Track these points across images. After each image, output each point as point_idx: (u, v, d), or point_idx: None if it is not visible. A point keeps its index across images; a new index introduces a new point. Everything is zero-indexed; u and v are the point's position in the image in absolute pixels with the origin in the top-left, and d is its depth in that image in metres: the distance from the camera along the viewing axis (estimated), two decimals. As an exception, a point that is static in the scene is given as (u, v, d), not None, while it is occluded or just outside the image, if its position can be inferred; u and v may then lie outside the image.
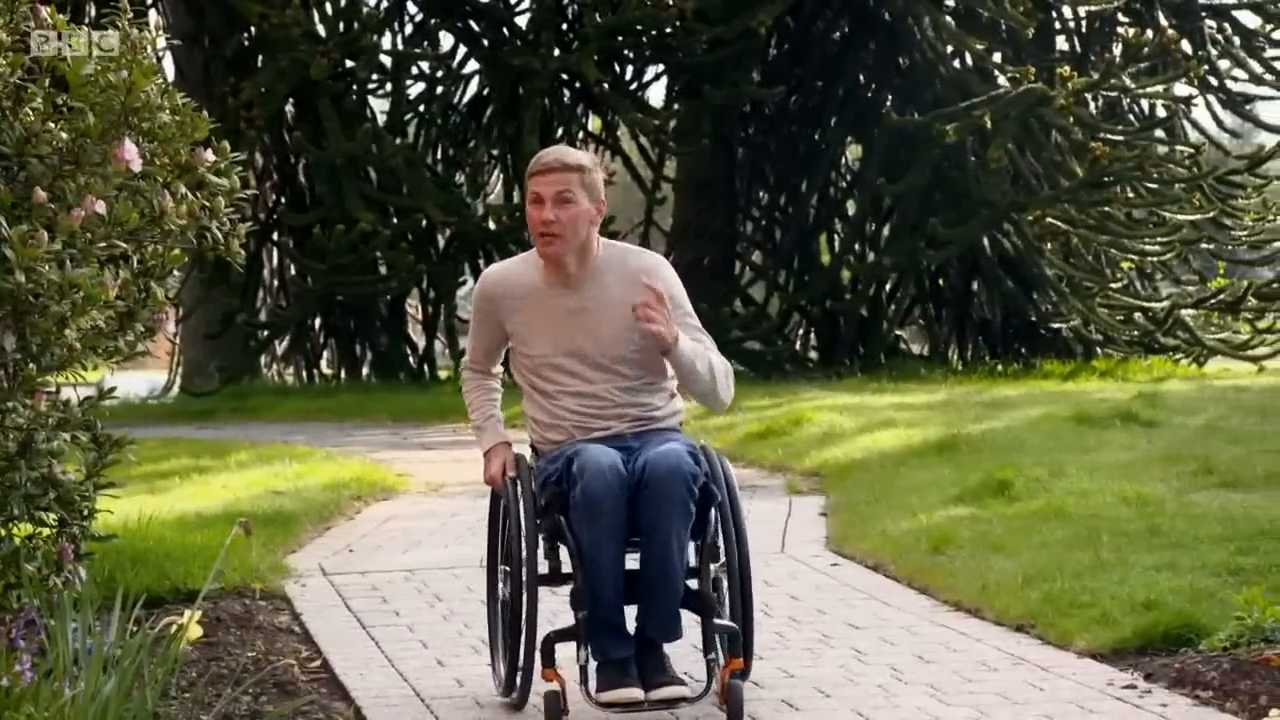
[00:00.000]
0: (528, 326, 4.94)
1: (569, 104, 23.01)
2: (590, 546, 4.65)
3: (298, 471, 10.65)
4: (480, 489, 10.41)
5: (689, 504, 4.66)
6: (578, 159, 4.90)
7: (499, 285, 5.01)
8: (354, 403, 18.49)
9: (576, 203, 4.80)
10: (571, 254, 4.86)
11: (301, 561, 7.69)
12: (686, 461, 4.67)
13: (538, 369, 4.95)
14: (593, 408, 4.89)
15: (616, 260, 4.94)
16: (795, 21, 23.31)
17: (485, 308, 5.03)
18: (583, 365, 4.89)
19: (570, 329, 4.88)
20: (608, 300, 4.88)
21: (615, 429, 4.88)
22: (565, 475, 4.73)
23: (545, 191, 4.81)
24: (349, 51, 20.51)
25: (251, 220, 5.74)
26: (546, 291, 4.92)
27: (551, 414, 4.94)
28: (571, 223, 4.80)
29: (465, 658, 5.69)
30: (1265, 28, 23.24)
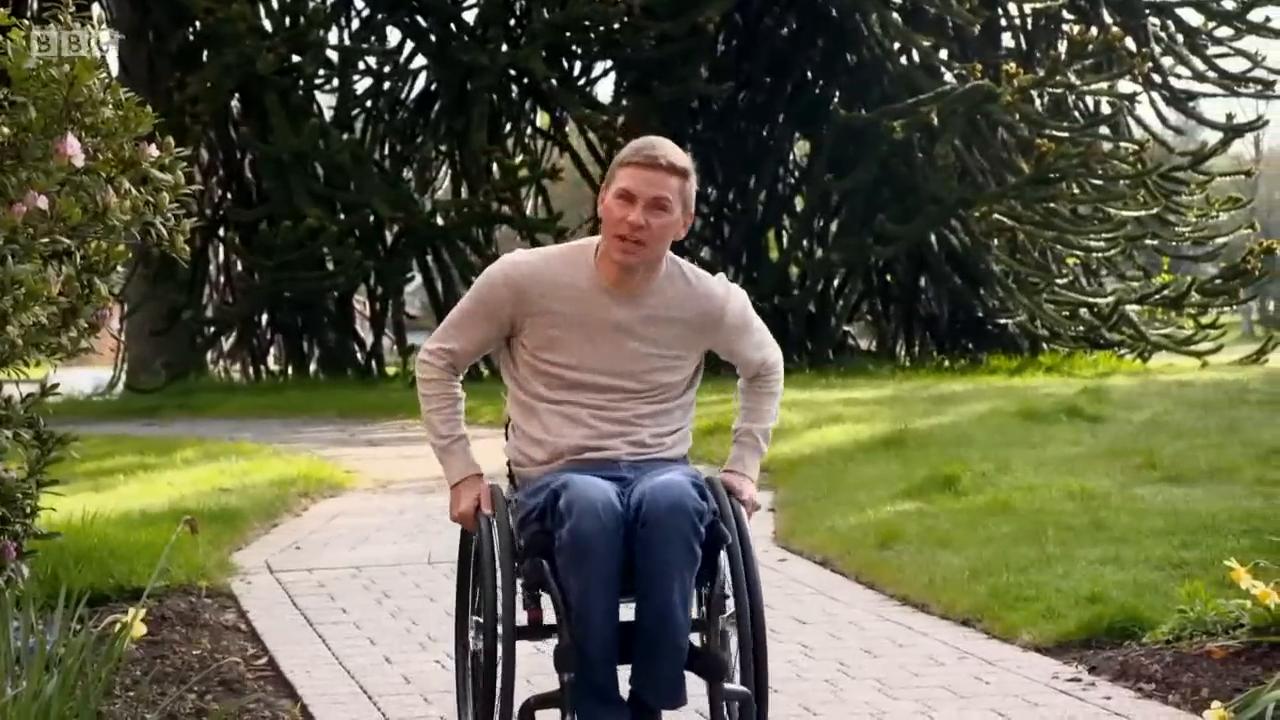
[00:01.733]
0: (558, 331, 4.15)
1: (517, 100, 22.99)
2: (579, 596, 3.91)
3: (244, 468, 10.60)
4: (427, 485, 10.48)
5: (694, 546, 3.93)
6: (685, 163, 4.14)
7: (531, 278, 4.16)
8: (301, 399, 18.41)
9: (671, 211, 4.09)
10: (644, 266, 4.14)
11: (248, 559, 7.65)
12: (691, 496, 3.93)
13: (553, 379, 4.18)
14: (604, 431, 4.16)
15: (679, 277, 4.22)
16: (743, 18, 23.35)
17: (500, 297, 4.19)
18: (613, 386, 4.17)
19: (612, 345, 4.15)
20: (661, 322, 4.18)
21: (614, 454, 4.14)
22: (550, 512, 3.97)
23: (642, 191, 4.05)
24: (295, 46, 20.41)
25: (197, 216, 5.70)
26: (594, 298, 4.14)
27: (549, 429, 4.17)
28: (661, 233, 4.08)
29: (412, 654, 5.67)
30: (1208, 25, 23.42)
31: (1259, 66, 23.67)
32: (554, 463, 4.13)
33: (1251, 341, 32.34)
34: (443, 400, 4.30)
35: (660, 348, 4.18)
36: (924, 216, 20.96)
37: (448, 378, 4.31)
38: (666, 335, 4.18)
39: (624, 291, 4.15)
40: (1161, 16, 23.30)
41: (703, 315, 4.21)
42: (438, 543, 8.04)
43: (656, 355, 4.18)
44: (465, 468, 4.25)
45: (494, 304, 4.21)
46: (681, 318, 4.19)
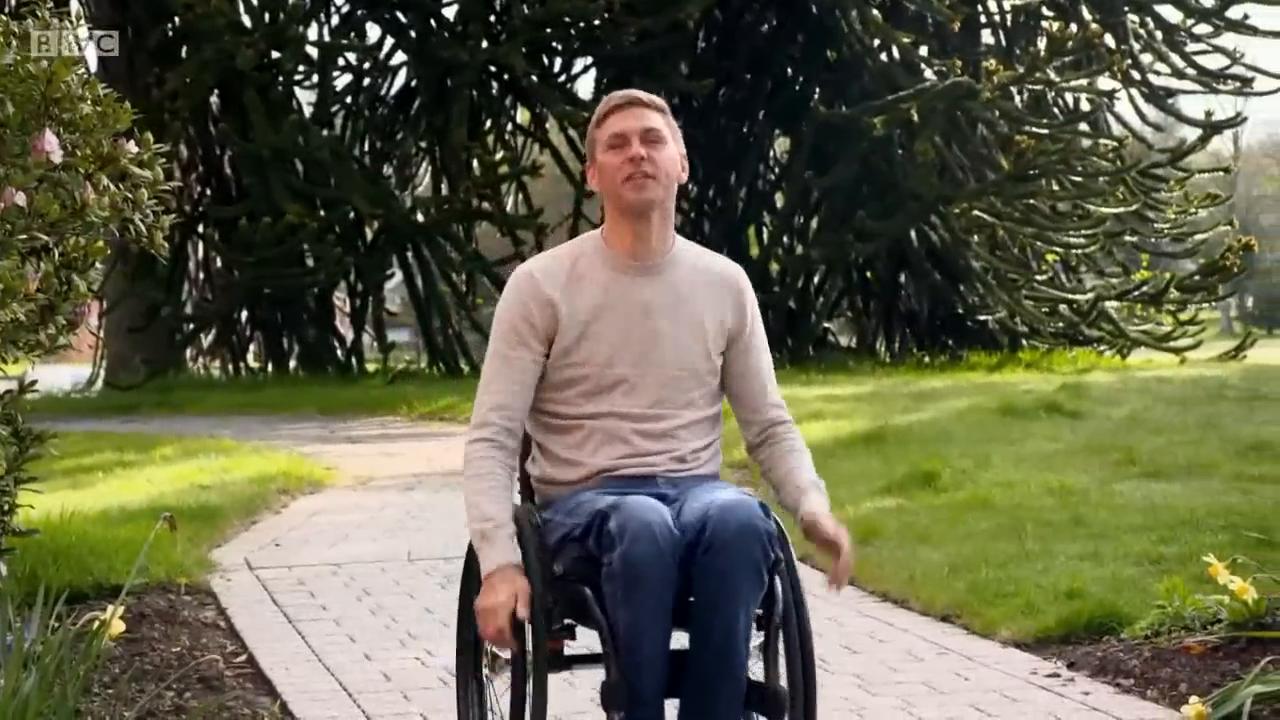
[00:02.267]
0: (587, 326, 3.74)
1: (497, 96, 22.99)
2: (630, 627, 3.47)
3: (223, 465, 10.58)
4: (407, 482, 10.48)
5: (763, 573, 3.53)
6: (659, 100, 3.83)
7: (546, 277, 3.76)
8: (281, 396, 18.38)
9: (667, 143, 3.74)
10: (658, 214, 3.75)
11: (227, 556, 7.63)
12: (759, 516, 3.53)
13: (585, 384, 3.75)
14: (643, 448, 3.73)
15: (687, 252, 3.87)
16: (723, 14, 23.36)
17: (524, 310, 3.74)
18: (643, 381, 3.74)
19: (639, 329, 3.75)
20: (683, 299, 3.79)
21: (651, 469, 3.72)
22: (596, 534, 3.54)
23: (630, 126, 3.72)
24: (275, 43, 20.38)
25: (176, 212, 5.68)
26: (615, 279, 3.76)
27: (576, 444, 3.73)
28: (666, 165, 3.72)
29: (393, 651, 5.66)
30: (1186, 22, 23.49)
31: (1237, 63, 23.75)
32: (586, 481, 3.71)
33: (1230, 338, 32.45)
34: (490, 480, 3.70)
35: (690, 324, 3.77)
36: (904, 213, 21.00)
37: (501, 455, 3.74)
38: (696, 307, 3.78)
39: (643, 263, 3.76)
40: (1140, 13, 23.36)
41: (725, 279, 3.85)
42: (418, 540, 8.04)
43: (688, 335, 3.77)
44: (504, 556, 3.63)
45: (525, 323, 3.73)
46: (705, 282, 3.81)
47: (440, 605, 6.37)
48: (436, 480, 10.59)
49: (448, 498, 9.70)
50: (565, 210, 25.22)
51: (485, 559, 3.63)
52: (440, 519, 8.78)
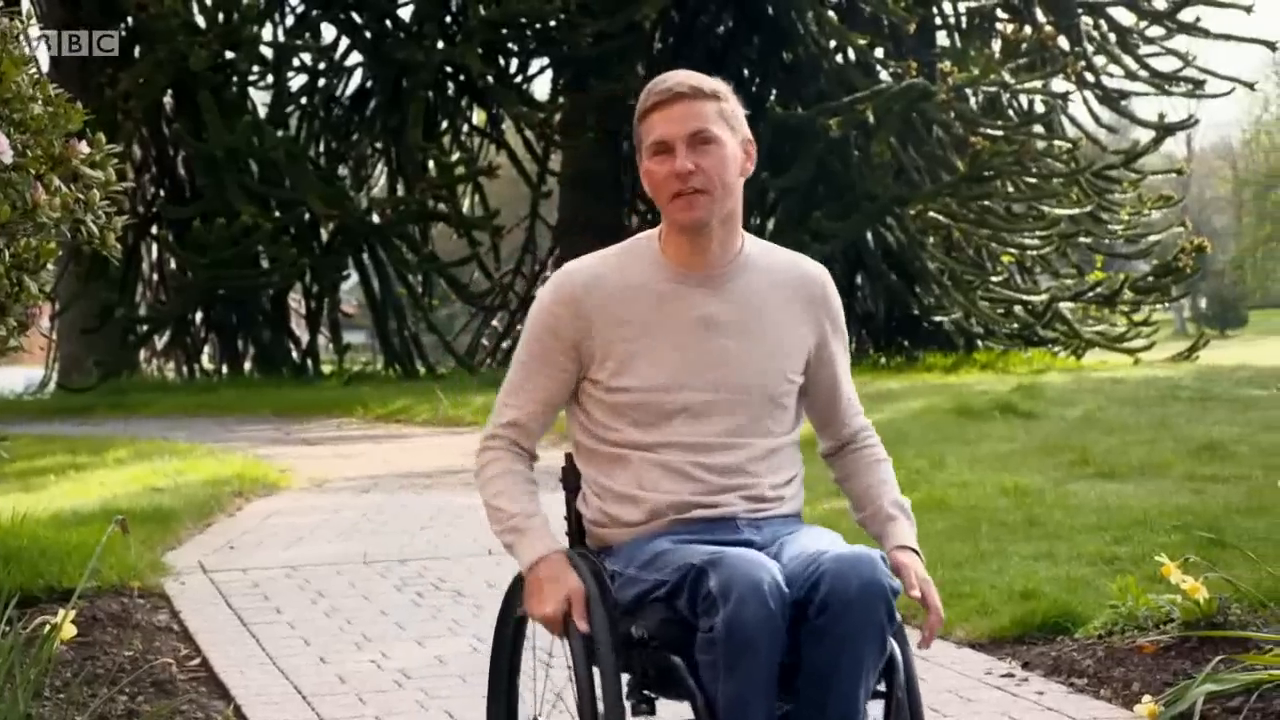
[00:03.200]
0: (637, 344, 3.22)
1: (453, 97, 22.96)
2: (734, 703, 2.94)
3: (178, 468, 10.52)
4: (362, 484, 10.44)
5: (887, 638, 3.02)
6: (712, 83, 3.30)
7: (591, 285, 3.25)
8: (236, 398, 18.30)
9: (720, 142, 3.21)
10: (718, 222, 3.23)
11: (181, 559, 7.59)
12: (883, 572, 2.99)
13: (641, 412, 3.22)
14: (713, 485, 3.20)
15: (760, 255, 3.32)
16: (680, 15, 23.39)
17: (557, 321, 3.25)
18: (708, 405, 3.22)
19: (701, 347, 3.22)
20: (754, 312, 3.26)
21: (726, 509, 3.20)
22: (691, 593, 2.98)
23: (673, 132, 3.20)
24: (229, 43, 20.30)
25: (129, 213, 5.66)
26: (671, 292, 3.24)
27: (635, 480, 3.21)
28: (719, 170, 3.20)
29: (347, 654, 5.64)
30: (1139, 24, 23.66)
31: (1190, 66, 23.94)
32: (653, 522, 3.18)
33: (1183, 339, 32.70)
34: (509, 479, 3.28)
35: (764, 341, 3.25)
36: (860, 214, 21.06)
37: (514, 457, 3.31)
38: (770, 320, 3.26)
39: (704, 272, 3.24)
40: (1094, 16, 23.51)
41: (804, 282, 3.32)
42: (373, 542, 8.01)
43: (762, 353, 3.24)
44: (544, 544, 3.18)
45: (552, 334, 3.25)
46: (781, 290, 3.28)
47: (395, 607, 6.35)
48: (392, 482, 10.56)
49: (404, 499, 9.68)
50: (522, 211, 25.23)
51: (523, 550, 3.17)
52: (396, 521, 8.76)
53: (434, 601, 6.48)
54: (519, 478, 3.29)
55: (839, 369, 3.38)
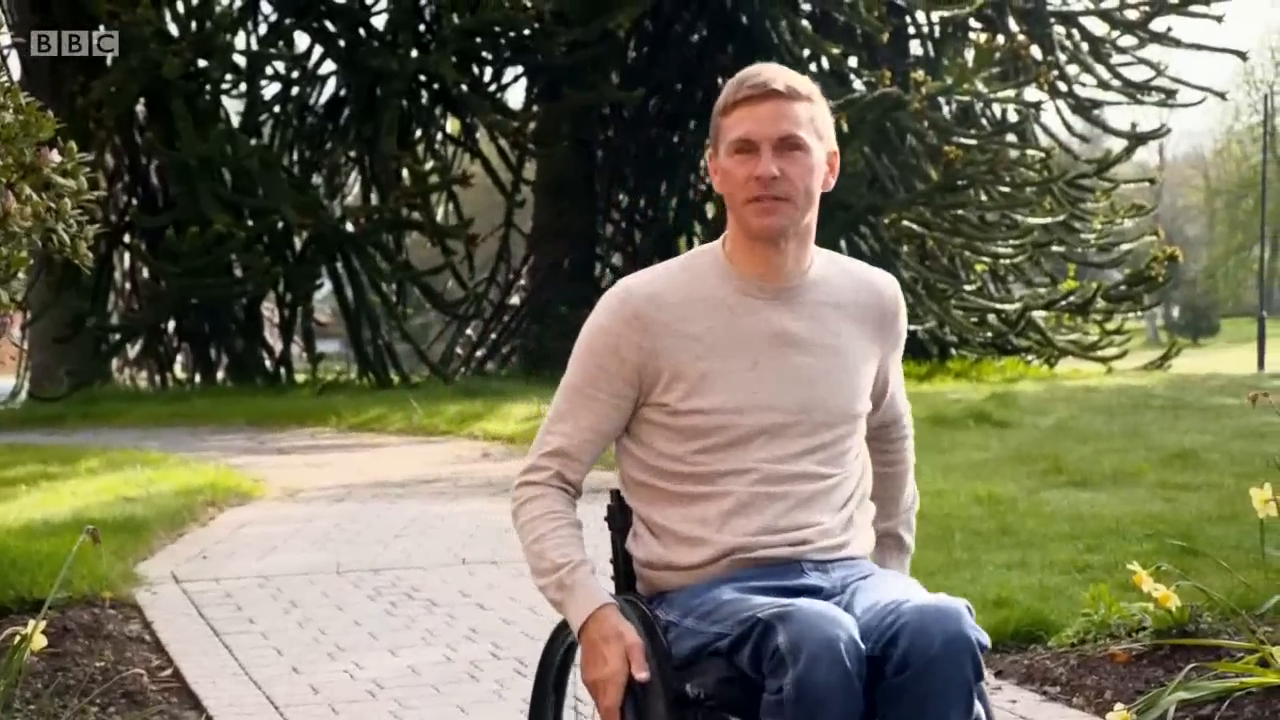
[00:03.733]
0: (710, 363, 2.92)
1: (427, 105, 22.92)
2: None
3: (150, 477, 10.47)
4: (336, 494, 10.41)
5: (973, 698, 2.71)
6: (807, 86, 2.95)
7: (658, 300, 2.94)
8: (209, 407, 18.24)
9: (809, 150, 2.90)
10: (794, 234, 2.95)
11: (153, 569, 7.56)
12: (970, 625, 2.69)
13: (711, 437, 2.92)
14: (782, 509, 2.90)
15: (831, 267, 3.06)
16: (654, 24, 23.41)
17: (619, 339, 2.93)
18: (786, 428, 2.93)
19: (778, 365, 2.94)
20: (829, 327, 3.00)
21: (795, 549, 2.89)
22: (755, 649, 2.66)
23: (762, 132, 2.89)
24: (201, 51, 20.25)
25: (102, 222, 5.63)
26: (743, 305, 2.95)
27: (698, 516, 2.90)
28: (803, 181, 2.90)
29: (321, 664, 5.62)
30: (1112, 34, 23.75)
31: (1162, 75, 24.06)
32: (713, 565, 2.88)
33: (1156, 347, 32.80)
34: (551, 521, 2.94)
35: (841, 358, 3.00)
36: (834, 223, 21.07)
37: (555, 496, 2.97)
38: (846, 335, 3.01)
39: (777, 284, 2.96)
40: (1066, 25, 23.61)
41: (876, 297, 3.07)
42: (347, 551, 7.98)
43: (840, 370, 2.99)
44: (595, 598, 2.85)
45: (614, 355, 2.93)
46: (856, 304, 3.04)
47: (368, 617, 6.33)
48: (366, 491, 10.53)
49: (377, 509, 9.66)
50: (496, 220, 25.20)
51: (572, 607, 2.85)
52: (369, 530, 8.73)
53: (407, 611, 6.46)
54: (561, 520, 2.94)
55: (895, 377, 3.22)
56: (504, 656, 5.57)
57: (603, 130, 24.43)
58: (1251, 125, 68.82)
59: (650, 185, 24.58)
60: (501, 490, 10.57)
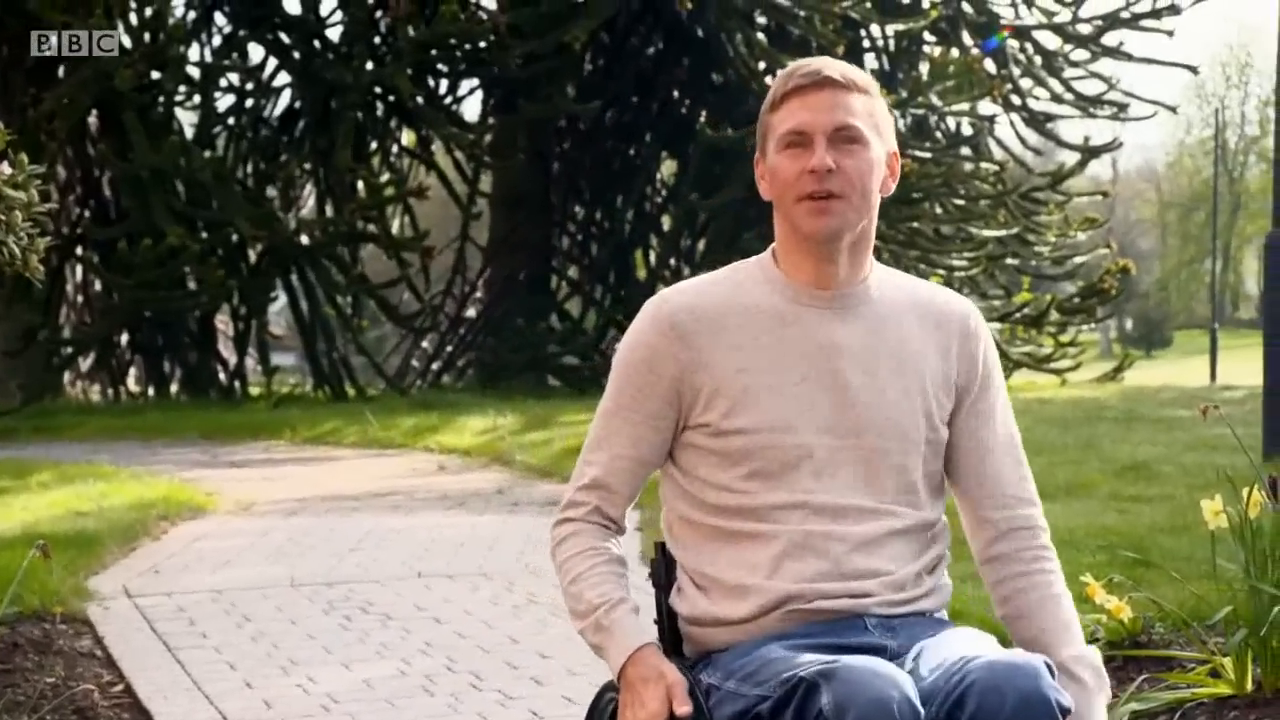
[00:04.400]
0: (755, 376, 2.61)
1: (382, 118, 22.88)
2: None
3: (102, 491, 10.40)
4: (290, 507, 10.36)
5: None
6: (865, 77, 2.68)
7: (697, 308, 2.67)
8: (162, 421, 18.13)
9: (867, 144, 2.63)
10: (849, 239, 2.65)
11: (105, 583, 7.50)
12: (1049, 685, 2.36)
13: (758, 461, 2.60)
14: (841, 547, 2.57)
15: (892, 281, 2.74)
16: (610, 37, 23.43)
17: (666, 356, 2.66)
18: (837, 454, 2.60)
19: (827, 380, 2.62)
20: (887, 339, 2.66)
21: (858, 601, 2.56)
22: (797, 710, 2.35)
23: (816, 121, 2.61)
24: (155, 63, 20.14)
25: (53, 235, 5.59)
26: (792, 313, 2.65)
27: (747, 561, 2.59)
28: (861, 177, 2.62)
29: (274, 679, 5.59)
30: (1064, 48, 23.90)
31: (1114, 89, 24.23)
32: (764, 618, 2.55)
33: (1109, 359, 33.03)
34: (586, 559, 2.68)
35: (902, 375, 2.65)
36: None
37: (595, 531, 2.72)
38: (908, 349, 2.66)
39: (831, 291, 2.65)
40: (1020, 39, 23.74)
41: (949, 314, 2.71)
42: (300, 565, 7.95)
43: (899, 389, 2.64)
44: (635, 638, 2.58)
45: (650, 370, 2.66)
46: (920, 318, 2.69)
47: (322, 631, 6.30)
48: (320, 505, 10.49)
49: (332, 522, 9.62)
50: (452, 232, 25.18)
51: (611, 649, 2.58)
52: (324, 544, 8.70)
53: (362, 625, 6.43)
54: (598, 557, 2.68)
55: (992, 429, 2.70)
56: (459, 670, 5.56)
57: (559, 143, 24.43)
58: (1203, 139, 69.46)
59: (606, 198, 24.59)
60: (457, 503, 10.55)
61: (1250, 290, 71.76)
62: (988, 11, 23.16)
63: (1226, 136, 67.47)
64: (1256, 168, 68.73)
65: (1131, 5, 23.33)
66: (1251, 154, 69.75)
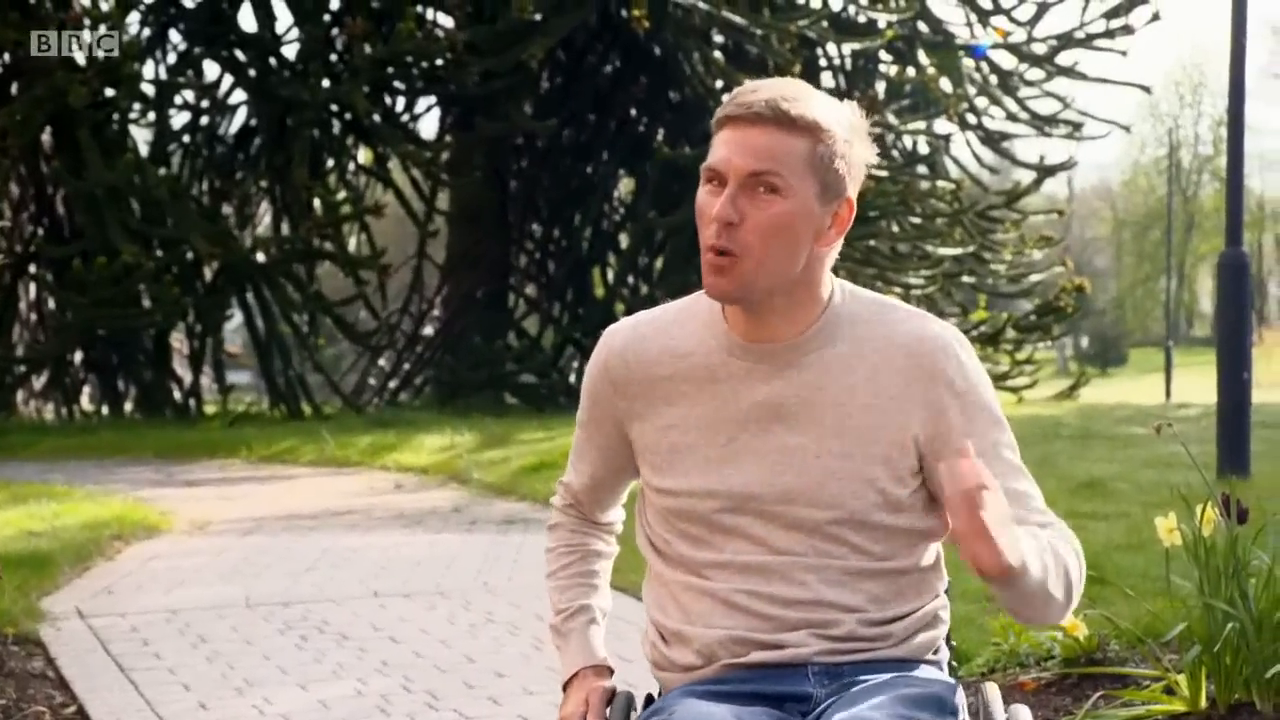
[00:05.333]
0: (680, 433, 2.44)
1: (339, 135, 22.81)
2: None
3: (55, 511, 10.32)
4: (246, 526, 10.30)
5: None
6: (816, 114, 2.28)
7: (631, 353, 2.49)
8: (116, 440, 18.01)
9: (787, 196, 2.27)
10: (765, 296, 2.33)
11: (57, 604, 7.44)
12: None
13: (688, 523, 2.46)
14: (769, 606, 2.39)
15: (854, 317, 2.40)
16: (567, 55, 23.46)
17: (605, 398, 2.52)
18: (767, 519, 2.40)
19: (758, 444, 2.39)
20: (836, 399, 2.37)
21: (795, 650, 2.37)
22: None
23: (731, 163, 2.32)
24: (109, 80, 20.02)
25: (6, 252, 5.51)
26: (724, 367, 2.41)
27: (690, 614, 2.45)
28: (763, 234, 2.28)
29: (229, 700, 5.55)
30: (1020, 67, 24.04)
31: (1069, 108, 24.39)
32: (707, 667, 2.41)
33: (1065, 377, 33.19)
34: (566, 557, 2.69)
35: (844, 439, 2.37)
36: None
37: (576, 528, 2.72)
38: (854, 411, 2.37)
39: (768, 345, 2.38)
40: (975, 58, 23.87)
41: (910, 351, 2.37)
42: (256, 585, 7.90)
43: (840, 452, 2.37)
44: (580, 656, 2.59)
45: (595, 404, 2.54)
46: (877, 371, 2.37)
47: (278, 652, 6.26)
48: (276, 524, 10.43)
49: (287, 541, 9.57)
50: (409, 250, 25.13)
51: (563, 661, 2.60)
52: (280, 563, 8.65)
53: (318, 645, 6.40)
54: (573, 555, 2.68)
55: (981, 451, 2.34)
56: (415, 690, 5.53)
57: (516, 160, 24.42)
58: (1157, 158, 69.97)
59: (564, 216, 24.59)
60: (414, 521, 10.51)
61: (1205, 308, 72.31)
62: (944, 31, 23.27)
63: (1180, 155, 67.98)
64: (1210, 186, 69.32)
65: (1086, 25, 23.49)
66: (1205, 172, 70.35)
